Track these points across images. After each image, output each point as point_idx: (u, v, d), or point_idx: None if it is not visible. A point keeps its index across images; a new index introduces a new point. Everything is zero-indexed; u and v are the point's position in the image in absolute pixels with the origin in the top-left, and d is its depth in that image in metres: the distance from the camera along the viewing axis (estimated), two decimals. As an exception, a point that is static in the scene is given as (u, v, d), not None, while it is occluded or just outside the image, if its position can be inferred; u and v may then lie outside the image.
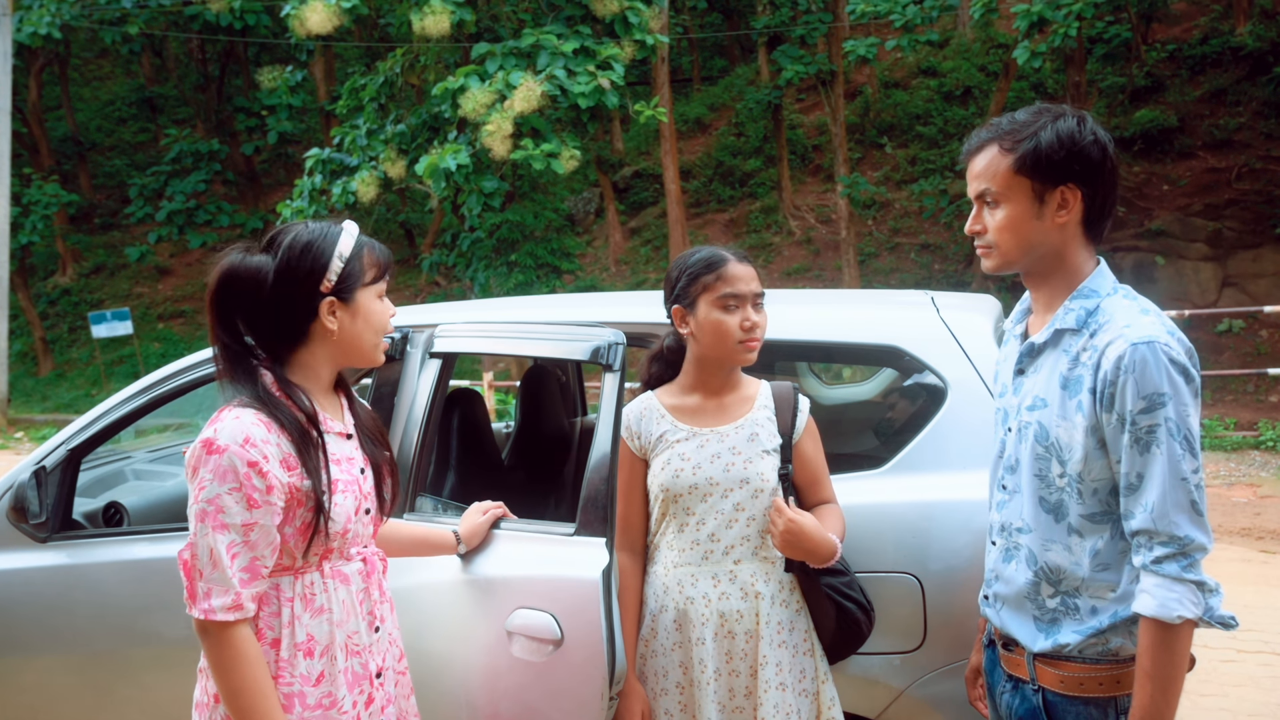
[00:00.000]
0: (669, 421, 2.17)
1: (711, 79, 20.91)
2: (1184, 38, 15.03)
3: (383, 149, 12.92)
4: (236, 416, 1.69)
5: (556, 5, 12.29)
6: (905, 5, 11.85)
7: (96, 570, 2.73)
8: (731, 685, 2.07)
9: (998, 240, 1.75)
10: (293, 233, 1.78)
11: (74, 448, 2.85)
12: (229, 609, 1.65)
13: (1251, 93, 13.81)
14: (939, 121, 15.78)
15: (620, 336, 2.39)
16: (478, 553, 2.32)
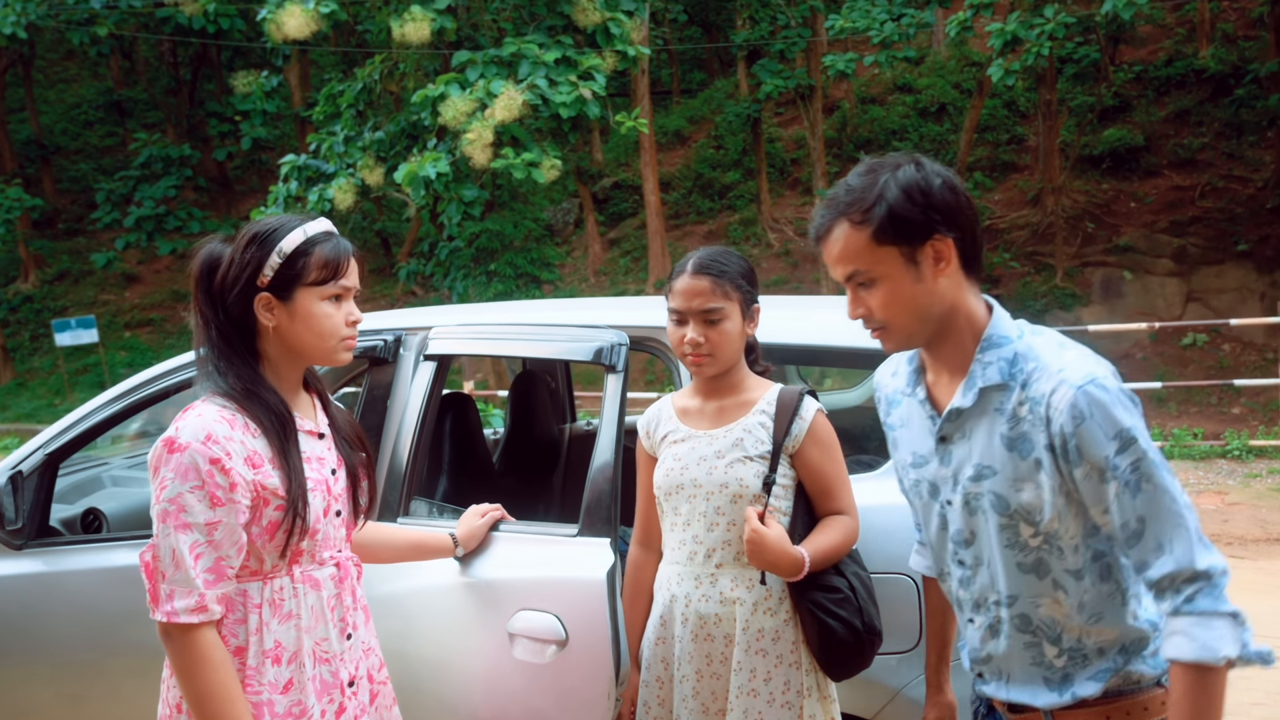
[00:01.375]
0: (674, 422, 2.17)
1: (690, 92, 21.04)
2: (1150, 59, 15.37)
3: (361, 156, 12.86)
4: (199, 414, 1.67)
5: (538, 15, 12.33)
6: (883, 22, 12.05)
7: (75, 578, 2.65)
8: (713, 687, 2.07)
9: (888, 319, 1.57)
10: (253, 225, 1.78)
11: (52, 452, 2.76)
12: (193, 610, 1.62)
13: (1214, 114, 14.15)
14: (915, 137, 16.00)
15: (623, 338, 2.42)
16: (476, 556, 2.31)
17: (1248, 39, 14.97)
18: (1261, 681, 4.05)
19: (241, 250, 1.74)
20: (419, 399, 2.60)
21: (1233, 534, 6.24)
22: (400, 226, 19.50)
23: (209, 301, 1.76)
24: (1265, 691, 4.05)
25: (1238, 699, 3.92)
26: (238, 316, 1.75)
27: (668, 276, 2.14)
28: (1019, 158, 15.27)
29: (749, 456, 2.05)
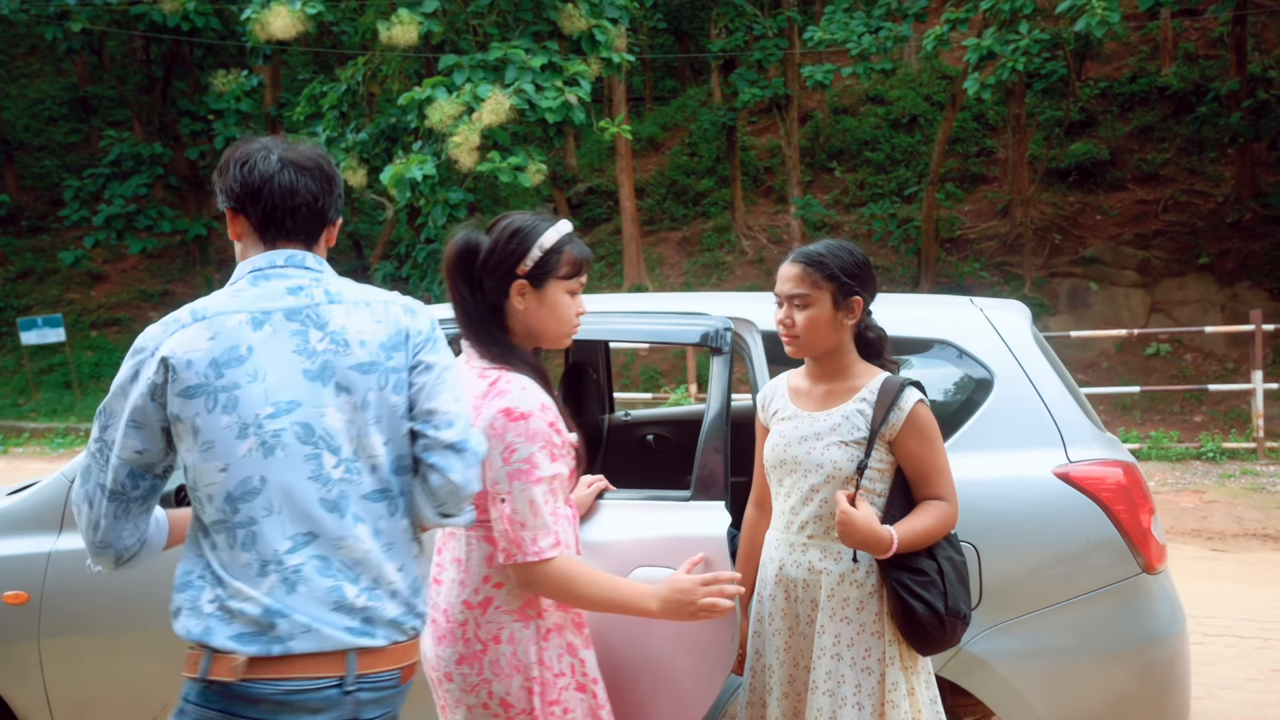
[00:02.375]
0: (785, 400, 2.32)
1: (663, 99, 21.26)
2: (1115, 76, 15.91)
3: (344, 157, 12.86)
4: (523, 387, 1.92)
5: (523, 20, 12.44)
6: (861, 35, 12.33)
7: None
8: (801, 646, 2.23)
9: None
10: (509, 219, 2.03)
11: None
12: (554, 546, 1.88)
13: (1176, 130, 14.69)
14: (886, 148, 16.36)
15: (728, 323, 2.58)
16: (586, 521, 2.47)
17: (1208, 58, 15.56)
18: (1256, 660, 4.25)
19: (505, 240, 2.00)
20: None
21: (1212, 530, 6.56)
22: (373, 229, 19.44)
23: (466, 283, 2.02)
24: (1258, 667, 4.30)
25: (1231, 674, 4.15)
26: (493, 299, 2.00)
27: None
28: (988, 170, 15.70)
29: (845, 441, 2.18)
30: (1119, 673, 2.46)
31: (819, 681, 2.16)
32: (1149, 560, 2.47)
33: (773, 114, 16.30)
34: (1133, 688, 2.49)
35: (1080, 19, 10.38)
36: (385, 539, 1.71)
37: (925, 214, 13.79)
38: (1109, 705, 2.50)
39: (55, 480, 3.02)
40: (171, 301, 19.14)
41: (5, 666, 2.93)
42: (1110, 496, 2.47)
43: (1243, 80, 13.41)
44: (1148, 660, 2.49)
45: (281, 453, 1.64)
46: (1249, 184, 13.65)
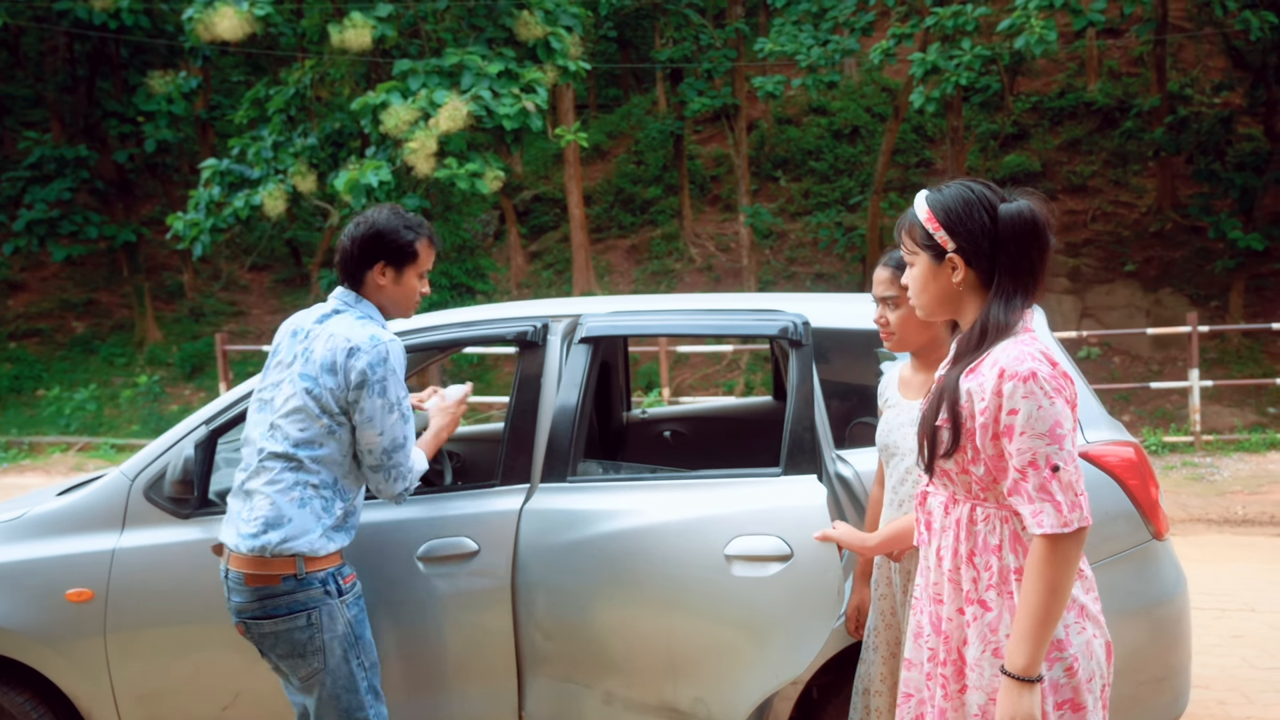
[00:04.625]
0: (893, 389, 2.54)
1: (606, 107, 21.40)
2: (1044, 91, 16.64)
3: (292, 162, 12.63)
4: (1025, 344, 1.83)
5: (478, 26, 12.43)
6: (810, 48, 12.66)
7: None
8: (902, 615, 2.45)
9: None
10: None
11: (215, 427, 2.91)
12: (1086, 515, 1.80)
13: (1102, 144, 15.44)
14: (830, 158, 16.79)
15: (804, 317, 2.75)
16: (682, 497, 2.74)
17: (1131, 76, 16.40)
18: (1236, 681, 4.54)
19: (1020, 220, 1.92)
20: (579, 376, 2.86)
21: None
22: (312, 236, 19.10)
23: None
24: (1219, 635, 4.60)
25: (1196, 642, 4.39)
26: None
27: None
28: (928, 180, 16.20)
29: None
30: (1134, 629, 2.67)
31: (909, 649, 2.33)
32: (1158, 528, 2.73)
33: (718, 123, 16.58)
34: (1145, 642, 2.72)
35: (1020, 37, 10.87)
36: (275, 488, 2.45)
37: (870, 222, 14.20)
38: (1125, 658, 2.72)
39: (114, 479, 3.01)
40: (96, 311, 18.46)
41: (71, 664, 2.91)
42: (1125, 472, 2.70)
43: (1163, 97, 14.18)
44: (1158, 617, 2.73)
45: (253, 414, 2.61)
46: (1170, 195, 14.42)
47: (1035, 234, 1.86)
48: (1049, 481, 1.77)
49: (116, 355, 16.51)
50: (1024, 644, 1.78)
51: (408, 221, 2.57)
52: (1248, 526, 6.76)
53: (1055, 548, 1.77)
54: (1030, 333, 1.87)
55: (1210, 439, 8.86)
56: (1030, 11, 10.74)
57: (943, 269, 1.92)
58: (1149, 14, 12.69)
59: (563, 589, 2.78)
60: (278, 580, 2.42)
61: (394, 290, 2.56)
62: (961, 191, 1.91)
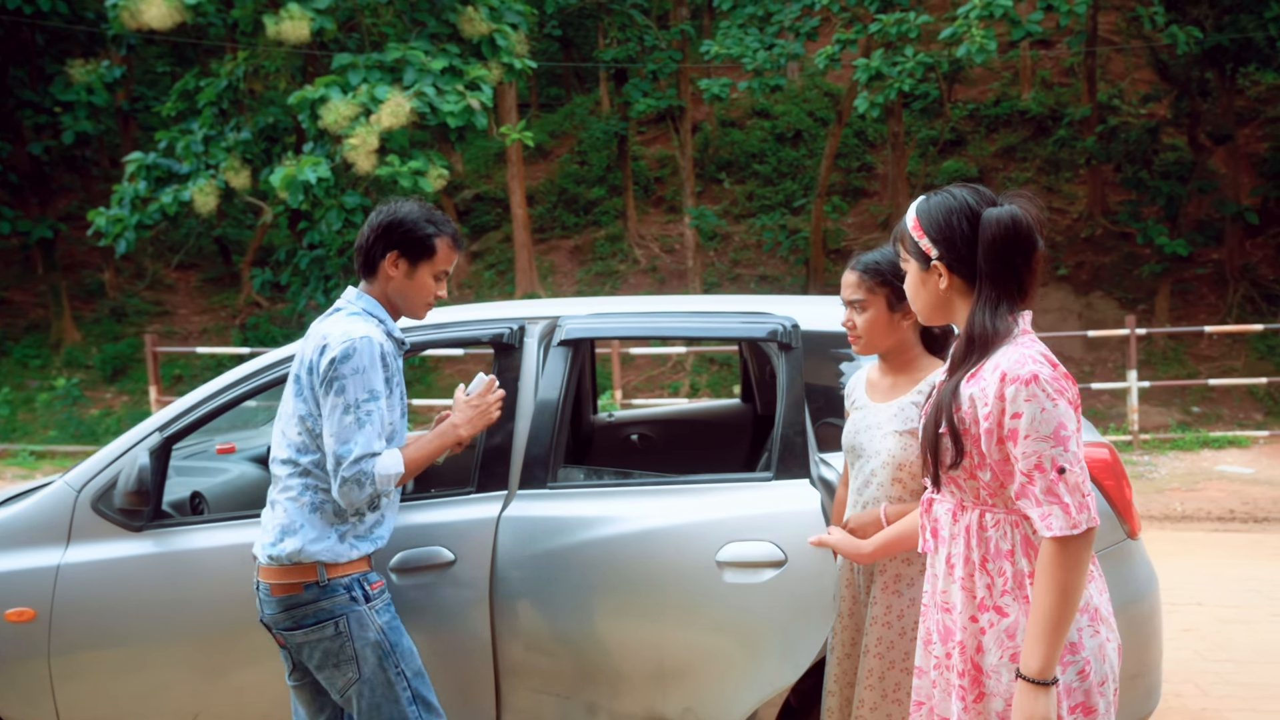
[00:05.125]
0: (860, 391, 2.50)
1: (549, 106, 21.23)
2: (980, 99, 17.00)
3: (224, 157, 12.23)
4: (1024, 346, 1.82)
5: (421, 21, 12.19)
6: (756, 51, 12.71)
7: (211, 556, 2.73)
8: (861, 614, 2.41)
9: None
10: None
11: (171, 434, 2.75)
12: (1093, 515, 1.77)
13: (1036, 151, 15.84)
14: (773, 161, 16.90)
15: (793, 320, 2.69)
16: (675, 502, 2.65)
17: (1063, 86, 16.85)
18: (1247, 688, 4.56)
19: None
20: (558, 379, 2.77)
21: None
22: (243, 234, 18.54)
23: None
24: (1170, 630, 4.66)
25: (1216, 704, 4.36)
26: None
27: None
28: (869, 184, 16.47)
29: (899, 431, 2.34)
30: None
31: (870, 646, 2.33)
32: (1132, 527, 2.76)
33: (663, 125, 16.56)
34: (1121, 639, 2.73)
35: (961, 45, 11.07)
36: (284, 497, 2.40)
37: (814, 225, 14.32)
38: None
39: (59, 490, 2.82)
40: (9, 310, 17.61)
41: (10, 689, 2.70)
42: (1101, 473, 2.72)
43: (1094, 107, 14.59)
44: (1132, 615, 2.73)
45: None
46: (1100, 202, 14.85)
47: (1017, 239, 1.84)
48: (1055, 484, 1.76)
49: (31, 357, 15.78)
50: (1038, 647, 1.76)
51: (431, 216, 2.47)
52: (1188, 523, 6.94)
53: (1065, 550, 1.76)
54: (1029, 334, 1.86)
55: (1147, 438, 9.10)
56: (971, 21, 10.93)
57: (930, 276, 1.93)
58: (1081, 26, 13.04)
59: (544, 599, 2.68)
60: (300, 589, 2.35)
61: (404, 284, 2.45)
62: (944, 199, 1.92)
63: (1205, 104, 13.45)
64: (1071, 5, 11.04)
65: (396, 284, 2.46)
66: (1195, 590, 5.33)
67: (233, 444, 3.55)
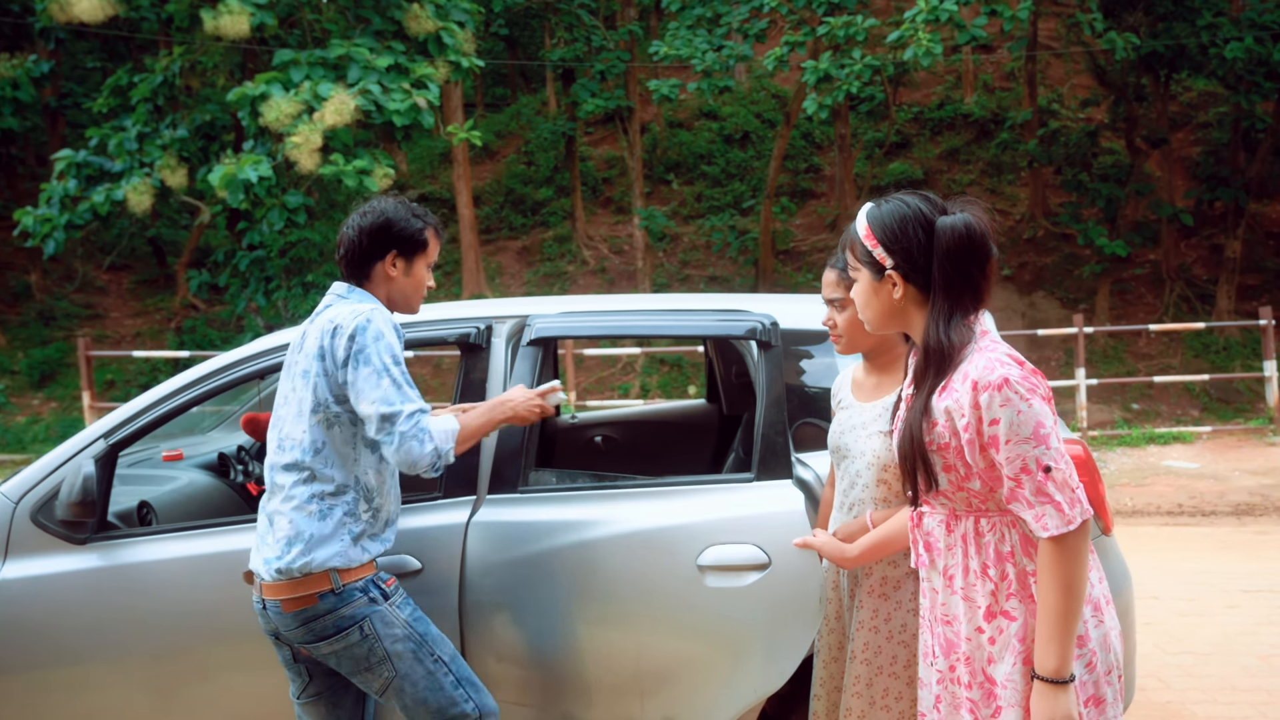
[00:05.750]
0: (846, 390, 2.45)
1: (494, 106, 21.01)
2: (925, 102, 17.23)
3: (159, 155, 11.84)
4: (989, 350, 1.80)
5: (365, 18, 11.93)
6: (705, 52, 12.71)
7: (162, 569, 2.61)
8: (847, 618, 2.36)
9: None
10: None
11: (117, 441, 2.59)
12: (1085, 508, 1.75)
13: (979, 154, 16.10)
14: (721, 162, 16.92)
15: (772, 318, 2.63)
16: (656, 504, 2.57)
17: (1004, 90, 17.17)
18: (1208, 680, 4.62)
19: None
20: (527, 379, 2.70)
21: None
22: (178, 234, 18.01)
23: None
24: (1204, 690, 4.67)
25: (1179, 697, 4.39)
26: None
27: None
28: (816, 186, 16.58)
29: (884, 431, 2.30)
30: None
31: (857, 651, 2.28)
32: (1106, 523, 2.74)
33: (610, 125, 16.48)
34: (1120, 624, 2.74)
35: (908, 49, 11.18)
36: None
37: (763, 226, 14.37)
38: (1079, 652, 2.78)
39: (-10, 500, 2.63)
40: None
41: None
42: (1076, 470, 2.70)
43: (1034, 111, 14.88)
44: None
45: (269, 437, 2.39)
46: (1041, 204, 15.15)
47: (971, 248, 1.81)
48: (1044, 484, 1.74)
49: (-47, 362, 15.14)
50: (1051, 645, 1.74)
51: (414, 210, 2.44)
52: (1139, 517, 7.06)
53: (1063, 546, 1.74)
54: (989, 335, 1.85)
55: (1095, 435, 9.26)
56: (918, 25, 11.05)
57: (883, 285, 1.89)
58: (1022, 32, 13.28)
59: (516, 607, 2.58)
60: (315, 600, 2.26)
61: (404, 282, 2.42)
62: (898, 207, 1.88)
63: (1141, 109, 13.80)
64: (1015, 11, 11.25)
65: (398, 284, 2.42)
66: (1151, 584, 5.40)
67: (180, 450, 3.36)
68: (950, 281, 1.81)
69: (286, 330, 2.91)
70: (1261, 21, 11.68)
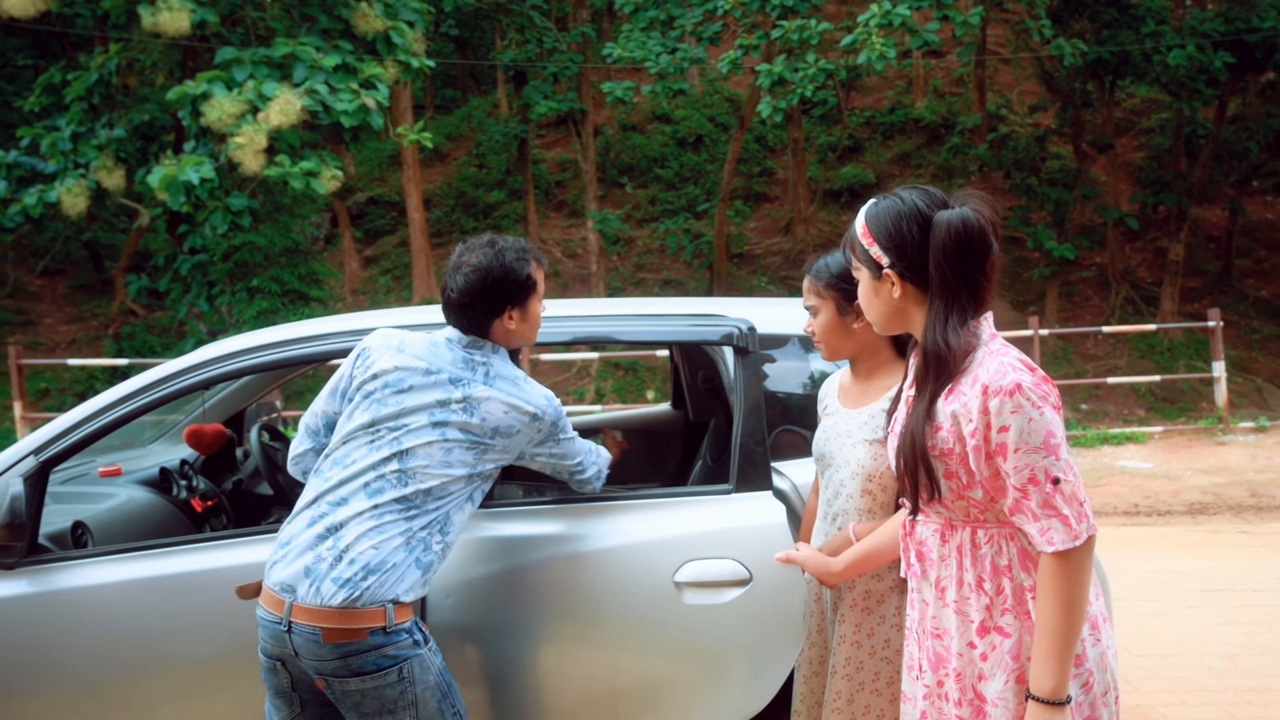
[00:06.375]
0: (832, 396, 2.39)
1: (444, 108, 20.73)
2: (877, 107, 17.37)
3: (96, 155, 11.45)
4: (1000, 354, 1.73)
5: (311, 16, 11.65)
6: (659, 55, 12.64)
7: (100, 594, 2.43)
8: (829, 631, 2.32)
9: None
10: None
11: (48, 458, 2.40)
12: (1092, 521, 1.69)
13: (930, 158, 16.27)
14: (675, 165, 16.87)
15: (749, 322, 2.53)
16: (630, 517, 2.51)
17: (954, 95, 17.37)
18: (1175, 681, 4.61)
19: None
20: None
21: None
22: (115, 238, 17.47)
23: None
24: (1172, 692, 4.67)
25: (1148, 700, 4.39)
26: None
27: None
28: (770, 189, 16.60)
29: (868, 439, 2.24)
30: None
31: (838, 666, 2.23)
32: None
33: (562, 128, 16.34)
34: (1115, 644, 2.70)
35: (862, 52, 11.23)
36: None
37: (717, 230, 14.33)
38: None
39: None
40: None
41: None
42: None
43: (984, 116, 15.07)
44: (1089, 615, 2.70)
45: (358, 445, 2.28)
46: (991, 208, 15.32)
47: (968, 245, 1.74)
48: (1052, 496, 1.67)
49: (-124, 372, 14.48)
50: (1049, 664, 1.67)
51: (516, 254, 2.31)
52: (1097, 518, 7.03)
53: (1067, 562, 1.67)
54: (997, 339, 1.78)
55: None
56: (871, 29, 11.11)
57: (882, 285, 1.82)
58: (972, 38, 13.44)
59: (481, 629, 2.45)
60: (365, 634, 2.09)
61: (524, 328, 2.35)
62: (893, 204, 1.81)
63: (1087, 114, 14.04)
64: (966, 16, 11.36)
65: (518, 333, 2.35)
66: (1113, 585, 5.41)
67: (118, 465, 3.16)
68: (946, 280, 1.73)
69: (233, 338, 2.74)
70: (1203, 30, 11.94)
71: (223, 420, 3.67)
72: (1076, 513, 1.66)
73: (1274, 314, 14.13)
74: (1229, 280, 14.60)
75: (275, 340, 2.68)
